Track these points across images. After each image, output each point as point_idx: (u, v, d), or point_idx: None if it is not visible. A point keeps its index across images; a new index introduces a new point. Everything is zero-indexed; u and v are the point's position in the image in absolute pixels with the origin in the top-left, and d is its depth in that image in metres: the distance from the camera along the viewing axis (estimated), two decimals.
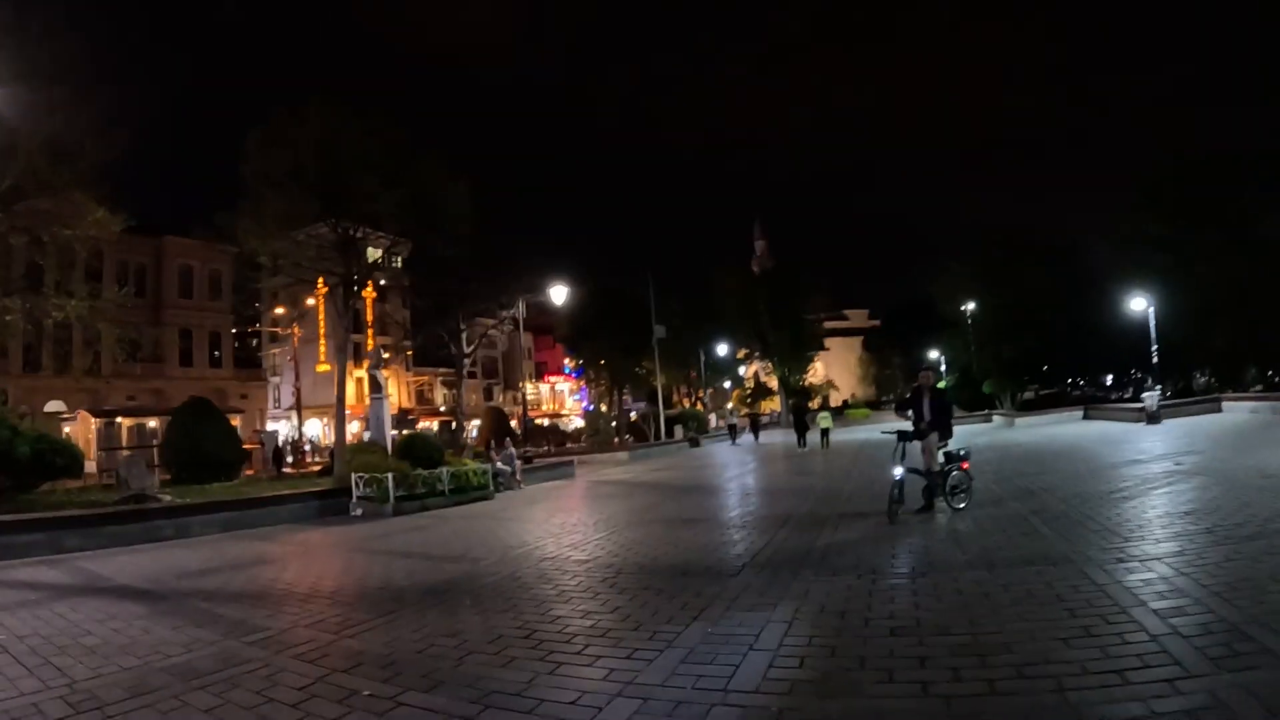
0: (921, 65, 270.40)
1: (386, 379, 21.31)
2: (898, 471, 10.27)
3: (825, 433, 32.15)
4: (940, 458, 10.73)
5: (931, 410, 10.80)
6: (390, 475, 17.40)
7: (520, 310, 27.96)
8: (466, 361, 30.68)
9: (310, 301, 52.84)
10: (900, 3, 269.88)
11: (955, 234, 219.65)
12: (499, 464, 22.47)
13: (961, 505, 10.69)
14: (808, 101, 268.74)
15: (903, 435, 10.66)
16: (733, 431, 45.20)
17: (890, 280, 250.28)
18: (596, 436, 40.48)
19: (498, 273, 29.03)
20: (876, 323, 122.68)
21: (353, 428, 61.00)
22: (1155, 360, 29.72)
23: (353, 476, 18.12)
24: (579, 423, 65.99)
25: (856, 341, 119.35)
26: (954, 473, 10.76)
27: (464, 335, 29.61)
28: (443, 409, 71.12)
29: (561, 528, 12.51)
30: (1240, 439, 17.69)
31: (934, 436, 10.65)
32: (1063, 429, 28.32)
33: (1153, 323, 28.85)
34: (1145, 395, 26.21)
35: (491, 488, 20.05)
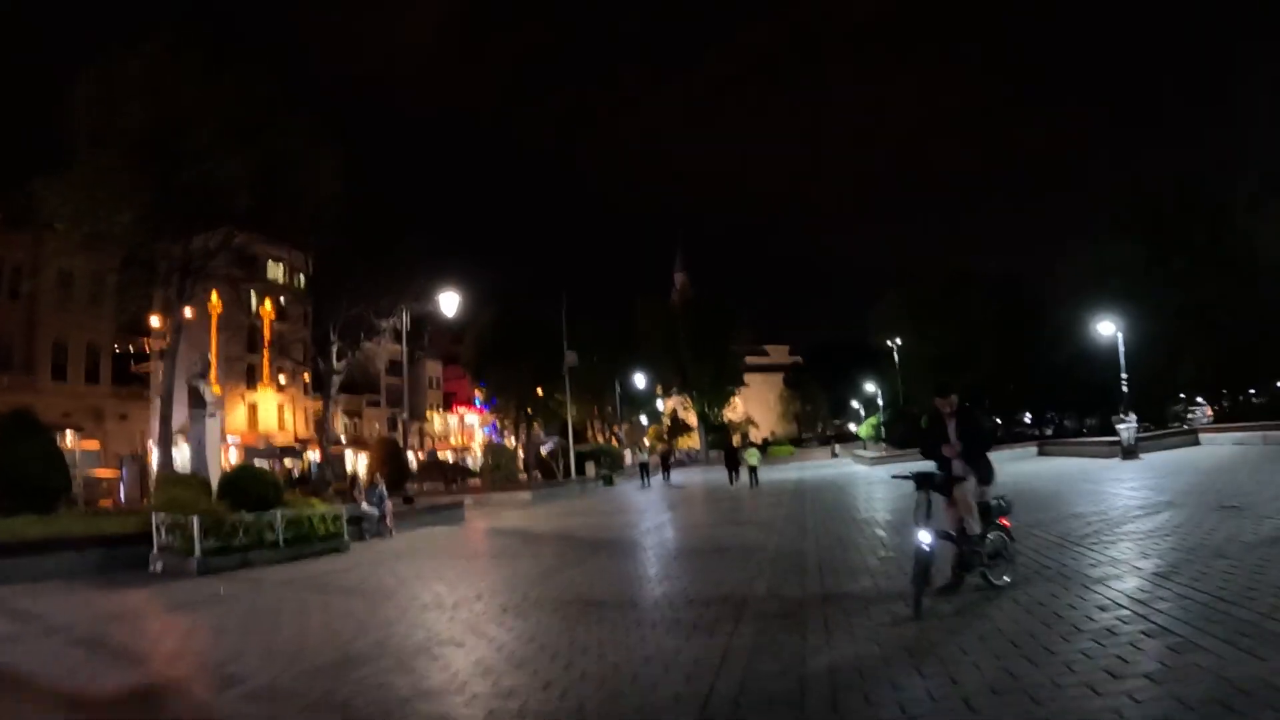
0: (850, 110, 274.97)
1: (220, 396, 16.68)
2: (924, 538, 6.54)
3: (753, 471, 29.31)
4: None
5: (963, 443, 7.16)
6: (196, 519, 12.95)
7: (405, 322, 23.38)
8: (338, 379, 25.82)
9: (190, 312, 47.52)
10: (830, 54, 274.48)
11: (880, 277, 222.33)
12: (364, 506, 18.12)
13: (1005, 580, 7.08)
14: (734, 142, 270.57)
15: (924, 481, 6.95)
16: (644, 471, 38.92)
17: (811, 319, 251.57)
18: (497, 473, 35.43)
19: (379, 275, 24.51)
20: (798, 359, 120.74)
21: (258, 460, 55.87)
22: (1125, 390, 27.07)
23: (153, 519, 13.67)
24: None
25: (777, 378, 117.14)
26: (992, 534, 7.12)
27: (334, 349, 24.84)
28: (342, 439, 65.97)
29: (406, 613, 8.37)
30: (1264, 472, 14.57)
31: (970, 483, 7.01)
32: (1027, 466, 24.95)
33: (1121, 349, 26.26)
34: (1120, 428, 23.22)
35: (345, 538, 15.67)
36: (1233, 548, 7.75)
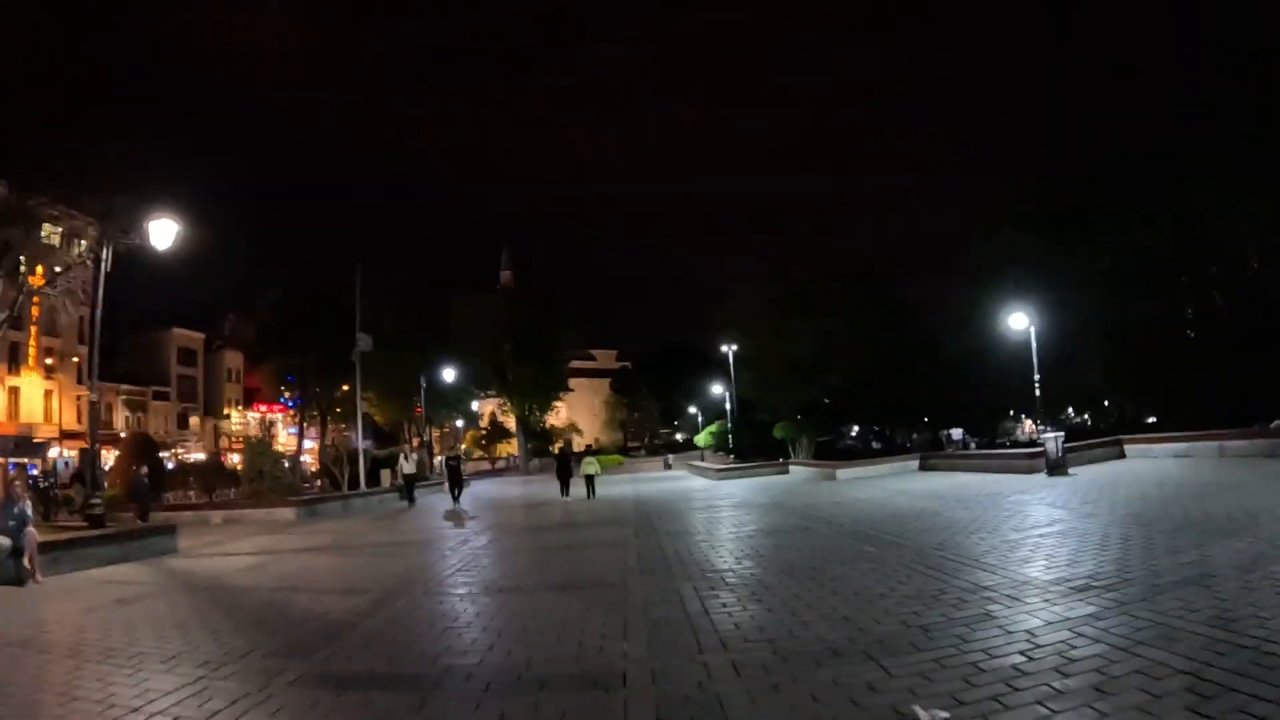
0: (694, 127, 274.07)
1: None
2: None
3: (590, 481, 26.19)
4: None
5: None
6: None
7: (106, 256, 15.61)
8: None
9: None
10: (671, 72, 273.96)
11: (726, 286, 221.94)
12: None
13: None
14: (572, 152, 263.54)
15: None
16: (409, 486, 27.77)
17: (643, 328, 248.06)
18: (258, 483, 27.49)
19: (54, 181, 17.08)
20: (626, 364, 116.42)
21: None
22: (1039, 394, 23.84)
23: None
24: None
25: (604, 383, 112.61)
26: None
27: None
28: (123, 434, 56.04)
29: None
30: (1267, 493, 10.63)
31: None
32: (929, 484, 19.13)
33: (1034, 350, 22.98)
34: (1046, 438, 19.21)
35: None
36: None
